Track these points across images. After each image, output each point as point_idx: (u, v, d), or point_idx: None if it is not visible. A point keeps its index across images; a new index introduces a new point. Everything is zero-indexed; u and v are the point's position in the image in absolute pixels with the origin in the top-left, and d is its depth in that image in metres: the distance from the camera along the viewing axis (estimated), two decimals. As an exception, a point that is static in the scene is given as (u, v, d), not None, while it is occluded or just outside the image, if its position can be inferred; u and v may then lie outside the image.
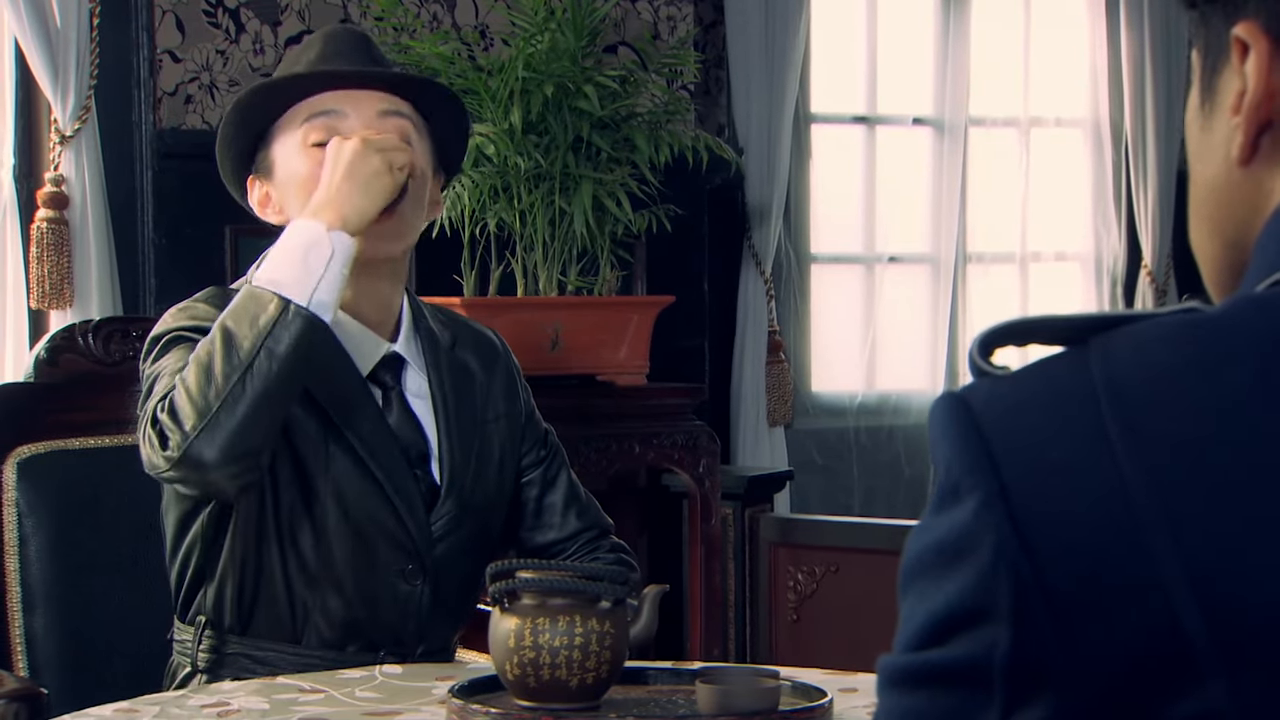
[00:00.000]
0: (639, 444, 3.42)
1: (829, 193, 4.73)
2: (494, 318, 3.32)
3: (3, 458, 2.27)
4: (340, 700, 1.67)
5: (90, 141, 3.55)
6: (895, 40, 4.79)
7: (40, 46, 3.47)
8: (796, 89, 4.46)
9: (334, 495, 1.96)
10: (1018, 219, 4.94)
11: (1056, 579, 0.79)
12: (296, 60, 2.06)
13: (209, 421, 1.80)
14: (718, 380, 4.41)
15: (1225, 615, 0.76)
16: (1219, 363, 0.81)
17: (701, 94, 4.42)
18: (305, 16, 3.83)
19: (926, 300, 4.82)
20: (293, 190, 2.01)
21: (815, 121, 4.67)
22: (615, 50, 4.08)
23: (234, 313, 1.85)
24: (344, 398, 1.99)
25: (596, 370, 3.46)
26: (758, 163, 4.39)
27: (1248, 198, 0.91)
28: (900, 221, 4.83)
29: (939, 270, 4.84)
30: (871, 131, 4.79)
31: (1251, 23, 0.86)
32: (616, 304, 3.50)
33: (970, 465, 0.82)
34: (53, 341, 2.36)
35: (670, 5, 4.23)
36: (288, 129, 2.03)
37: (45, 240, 3.51)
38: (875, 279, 4.78)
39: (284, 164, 2.02)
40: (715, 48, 4.43)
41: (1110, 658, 0.78)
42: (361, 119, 2.01)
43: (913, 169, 4.83)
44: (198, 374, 1.82)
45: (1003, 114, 4.95)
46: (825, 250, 4.75)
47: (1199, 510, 0.78)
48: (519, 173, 3.36)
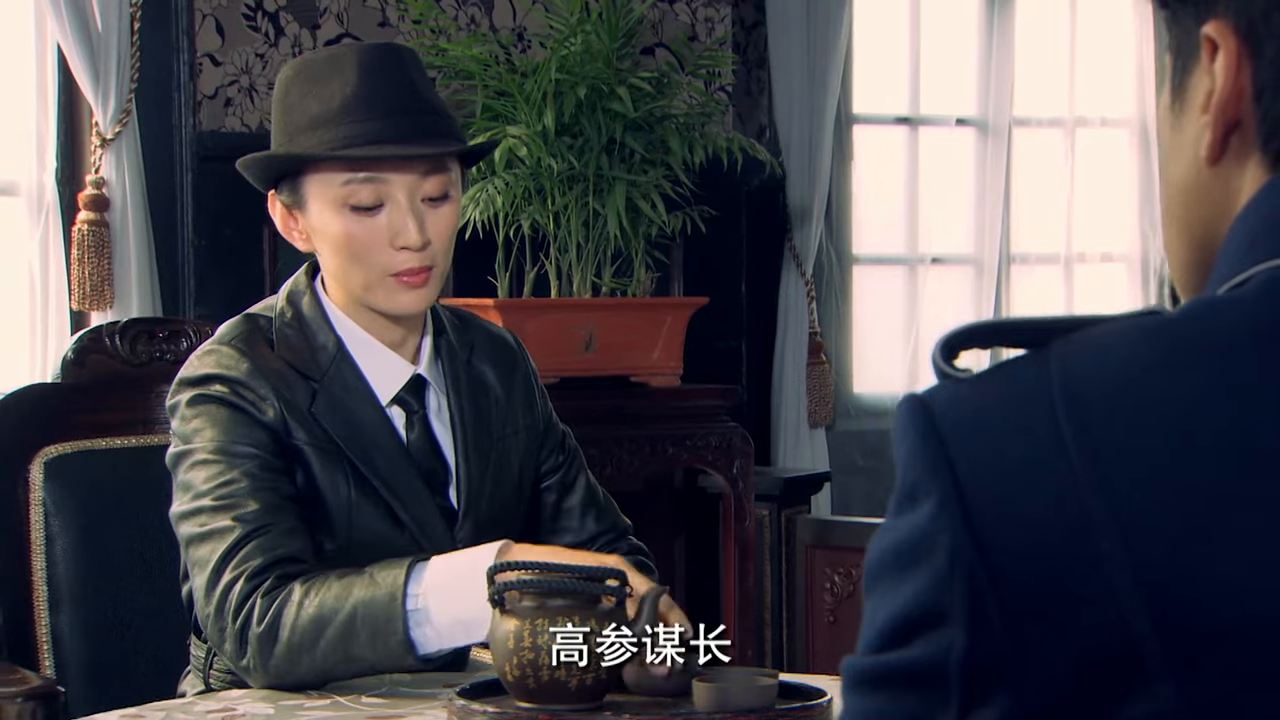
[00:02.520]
0: (672, 445, 3.43)
1: (871, 194, 4.72)
2: (528, 319, 3.33)
3: (30, 457, 2.30)
4: (345, 706, 1.68)
5: (131, 144, 3.58)
6: (938, 40, 4.78)
7: (82, 51, 3.51)
8: (838, 90, 4.45)
9: (360, 543, 1.94)
10: (1063, 220, 4.91)
11: (1010, 581, 0.79)
12: (330, 89, 1.96)
13: (286, 671, 1.81)
14: (758, 382, 4.41)
15: (1173, 618, 0.76)
16: (1173, 366, 0.80)
17: (743, 95, 4.41)
18: (344, 20, 3.86)
19: (969, 301, 4.80)
20: (326, 244, 1.99)
21: (857, 122, 4.66)
22: (653, 52, 4.08)
23: (371, 613, 1.79)
24: (365, 440, 1.97)
25: (630, 371, 3.47)
26: (799, 164, 4.38)
27: (1216, 198, 0.90)
28: (943, 222, 4.81)
29: (982, 271, 4.82)
30: (914, 132, 4.78)
31: (1221, 22, 0.86)
32: (650, 305, 3.50)
33: (927, 467, 0.83)
34: (80, 342, 2.38)
35: (708, 6, 4.23)
36: (324, 176, 1.97)
37: (86, 242, 3.55)
38: (918, 280, 4.77)
39: (317, 211, 1.98)
40: (757, 49, 4.42)
41: (1062, 659, 0.78)
42: (405, 186, 1.96)
43: (956, 170, 4.81)
44: (309, 631, 1.80)
45: (1048, 114, 4.92)
46: (867, 251, 4.73)
47: (1149, 514, 0.78)
48: (552, 174, 3.37)
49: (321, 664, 1.81)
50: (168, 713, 1.66)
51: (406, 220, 1.95)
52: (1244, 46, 0.85)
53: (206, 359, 1.96)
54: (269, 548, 1.84)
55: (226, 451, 1.89)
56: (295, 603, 1.81)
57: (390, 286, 1.97)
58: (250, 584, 1.83)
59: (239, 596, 1.82)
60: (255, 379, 1.93)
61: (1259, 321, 0.81)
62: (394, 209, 1.96)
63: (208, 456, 1.89)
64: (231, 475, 1.88)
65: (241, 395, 1.93)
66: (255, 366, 1.94)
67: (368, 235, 1.96)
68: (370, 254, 1.96)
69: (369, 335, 2.01)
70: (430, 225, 1.97)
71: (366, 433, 1.97)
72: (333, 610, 1.80)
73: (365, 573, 1.82)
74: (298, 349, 1.99)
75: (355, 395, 1.98)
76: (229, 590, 1.83)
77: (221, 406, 1.92)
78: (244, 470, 1.88)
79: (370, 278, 1.97)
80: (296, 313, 2.02)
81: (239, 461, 1.89)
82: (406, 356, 2.04)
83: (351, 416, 1.97)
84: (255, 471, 1.88)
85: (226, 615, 1.83)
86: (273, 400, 1.93)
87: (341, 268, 1.99)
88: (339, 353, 1.99)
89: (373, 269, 1.97)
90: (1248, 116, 0.86)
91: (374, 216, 1.96)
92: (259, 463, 1.89)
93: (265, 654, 1.81)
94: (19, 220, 3.62)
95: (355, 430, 1.97)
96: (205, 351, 1.98)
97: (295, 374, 1.97)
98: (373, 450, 1.97)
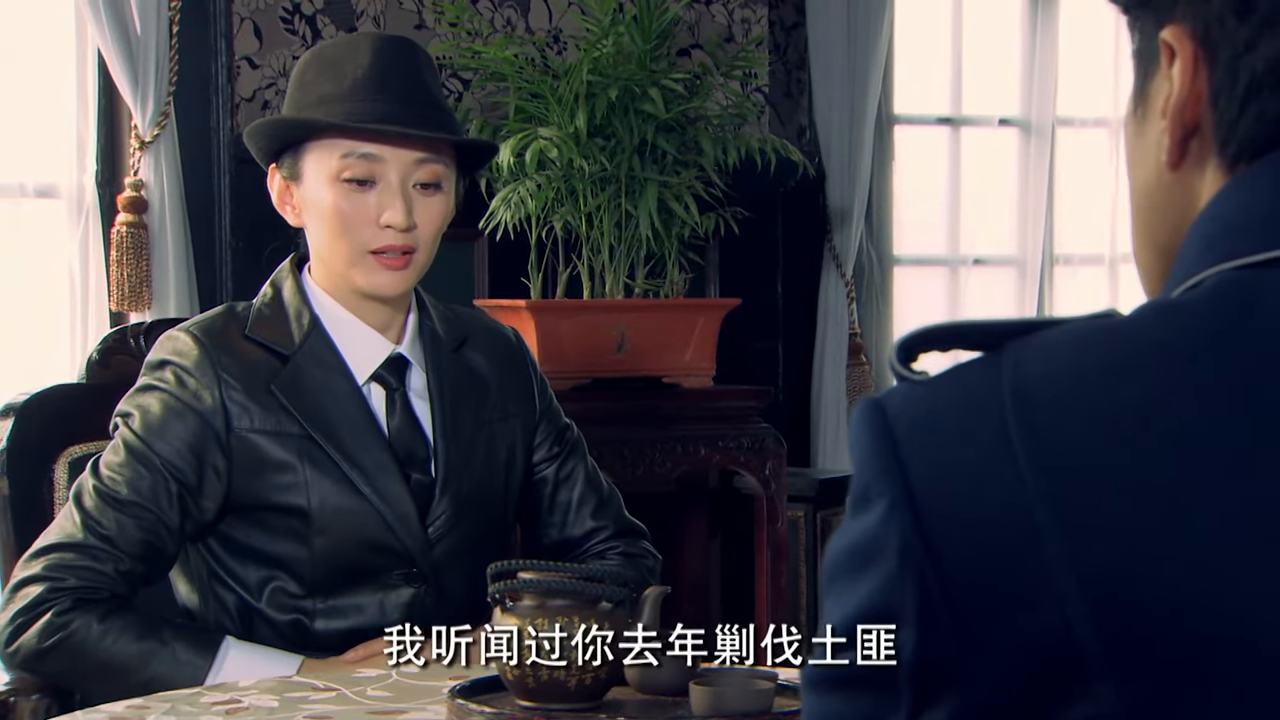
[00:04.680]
0: (704, 446, 3.43)
1: (912, 194, 4.70)
2: (560, 320, 3.34)
3: (54, 457, 2.32)
4: (350, 699, 1.70)
5: (169, 147, 3.62)
6: (981, 40, 4.75)
7: (121, 54, 3.54)
8: (879, 91, 4.44)
9: (319, 515, 2.01)
10: (1107, 220, 4.87)
11: (958, 582, 0.79)
12: (342, 70, 2.05)
13: (33, 670, 1.96)
14: (796, 383, 4.40)
15: (1115, 621, 0.76)
16: (1122, 368, 0.80)
17: (782, 96, 4.41)
18: (380, 22, 3.88)
19: (1012, 303, 4.78)
20: (315, 216, 2.06)
21: (899, 123, 4.64)
22: (689, 53, 4.08)
23: (169, 685, 1.90)
24: (326, 414, 2.03)
25: (662, 372, 3.47)
26: (839, 164, 4.37)
27: (1177, 203, 0.90)
28: (985, 223, 4.79)
29: (1025, 272, 4.80)
30: (956, 133, 4.76)
31: (1178, 26, 0.86)
32: (682, 306, 3.51)
33: (880, 469, 0.83)
34: (104, 343, 2.41)
35: (745, 8, 4.23)
36: (323, 149, 2.04)
37: (125, 244, 3.59)
38: (959, 281, 4.75)
39: (313, 183, 2.05)
40: (797, 50, 4.42)
41: (1009, 661, 0.78)
42: (399, 166, 2.03)
43: (999, 170, 4.79)
44: (90, 669, 1.94)
45: (1092, 114, 4.89)
46: (908, 252, 4.72)
47: (1093, 517, 0.78)
48: (584, 176, 3.37)
49: (82, 685, 1.96)
50: (173, 704, 1.68)
51: (396, 200, 2.02)
52: (1200, 51, 0.85)
53: (166, 344, 2.06)
54: (89, 574, 1.95)
55: (140, 453, 1.99)
56: (81, 641, 1.93)
57: (370, 265, 2.04)
58: (50, 596, 1.94)
59: (33, 598, 1.94)
60: (201, 367, 2.01)
61: (1209, 324, 0.81)
62: (385, 188, 2.03)
63: (129, 442, 2.00)
64: (127, 477, 1.98)
65: (184, 384, 2.01)
66: (205, 355, 2.02)
67: (355, 210, 2.03)
68: (355, 228, 2.03)
69: (351, 315, 2.07)
70: (418, 211, 2.04)
71: (333, 406, 2.03)
72: (123, 668, 1.91)
73: (167, 645, 1.93)
74: (272, 325, 2.06)
75: (328, 369, 2.05)
76: (30, 583, 1.95)
77: (162, 396, 2.01)
78: (138, 483, 1.98)
79: (353, 254, 2.04)
80: (276, 293, 2.09)
81: (142, 473, 1.99)
82: (390, 337, 2.10)
83: (318, 390, 2.03)
84: (145, 490, 1.98)
85: (14, 601, 1.94)
86: (214, 389, 2.00)
87: (327, 241, 2.05)
88: (314, 329, 2.06)
89: (355, 244, 2.03)
90: (1206, 121, 0.86)
91: (365, 193, 2.03)
92: (159, 479, 1.98)
93: (28, 661, 1.94)
94: (60, 222, 3.65)
95: (319, 404, 2.03)
96: (168, 336, 2.07)
97: (264, 353, 2.04)
98: (339, 425, 2.03)
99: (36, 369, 3.50)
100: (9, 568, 2.20)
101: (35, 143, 3.68)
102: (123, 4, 3.54)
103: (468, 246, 3.77)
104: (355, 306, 2.08)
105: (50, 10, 3.67)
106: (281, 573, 2.02)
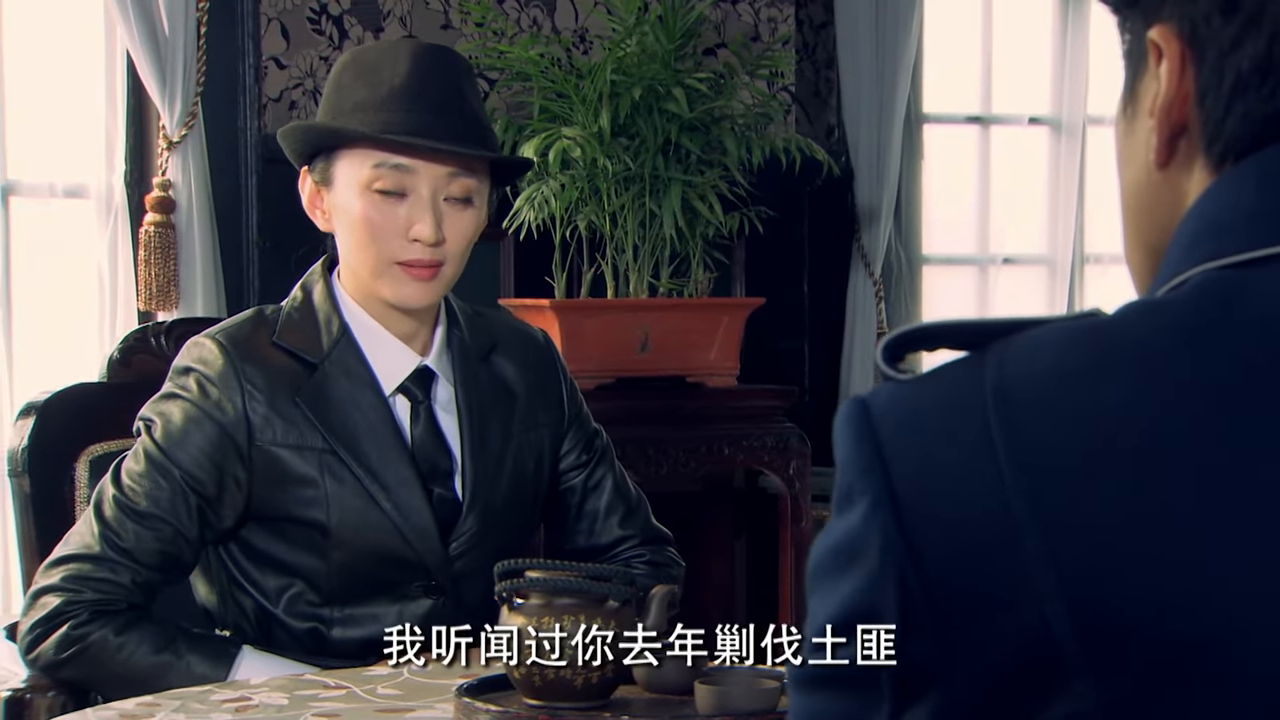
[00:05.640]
0: (728, 445, 3.43)
1: (942, 193, 4.69)
2: (584, 319, 3.35)
3: (76, 456, 2.33)
4: (360, 697, 1.70)
5: (196, 147, 3.64)
6: (1011, 38, 4.73)
7: (149, 56, 3.57)
8: (908, 89, 4.43)
9: (338, 530, 2.00)
10: (1138, 219, 4.84)
11: (939, 581, 0.80)
12: (380, 77, 2.01)
13: (52, 673, 1.97)
14: (822, 382, 4.39)
15: (1092, 619, 0.76)
16: (1103, 368, 0.80)
17: (810, 95, 4.40)
18: (407, 23, 3.89)
19: (1042, 302, 4.76)
20: (344, 223, 2.03)
21: (928, 121, 4.62)
22: (715, 53, 4.08)
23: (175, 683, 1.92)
24: (350, 426, 2.02)
25: (686, 372, 3.47)
26: (868, 163, 4.36)
27: (1165, 202, 0.90)
28: (1015, 222, 4.77)
29: (1055, 272, 4.78)
30: (986, 131, 4.74)
31: (1165, 26, 0.87)
32: (706, 306, 3.51)
33: (863, 468, 0.84)
34: (125, 342, 2.42)
35: (771, 7, 4.23)
36: (355, 157, 2.02)
37: (153, 243, 3.61)
38: (989, 280, 4.73)
39: (343, 190, 2.03)
40: (825, 49, 4.41)
41: (990, 659, 0.78)
42: (430, 179, 2.00)
43: (1029, 169, 4.77)
44: (106, 677, 1.96)
45: (1123, 112, 4.85)
46: (937, 251, 4.70)
47: (1072, 515, 0.78)
48: (608, 175, 3.38)
49: (98, 687, 1.97)
50: (183, 701, 1.69)
51: (426, 214, 2.00)
52: (1188, 50, 0.85)
53: (192, 350, 2.04)
54: (106, 586, 1.96)
55: (160, 464, 1.99)
56: (98, 654, 1.94)
57: (396, 276, 2.02)
58: (67, 608, 1.95)
59: (51, 609, 1.95)
60: (225, 377, 2.00)
61: (1189, 322, 0.80)
62: (415, 201, 2.00)
63: (150, 451, 1.99)
64: (146, 489, 1.98)
65: (207, 394, 2.00)
66: (229, 364, 2.00)
67: (385, 221, 2.00)
68: (383, 239, 2.01)
69: (379, 325, 2.05)
70: (448, 225, 2.01)
71: (358, 418, 2.02)
72: (139, 680, 1.91)
73: (182, 658, 1.94)
74: (301, 332, 2.04)
75: (355, 380, 2.03)
76: (48, 593, 1.96)
77: (184, 405, 2.00)
78: (157, 494, 1.98)
79: (379, 264, 2.02)
80: (306, 298, 2.07)
81: (161, 484, 1.98)
82: (416, 349, 2.08)
83: (344, 402, 2.02)
84: (164, 501, 1.98)
85: (34, 611, 1.96)
86: (238, 400, 1.99)
87: (355, 250, 2.03)
88: (344, 337, 2.04)
89: (383, 254, 2.01)
90: (1193, 120, 0.86)
91: (395, 205, 2.00)
92: (178, 491, 1.98)
93: (47, 669, 1.96)
94: (89, 222, 3.68)
95: (344, 416, 2.01)
96: (194, 343, 2.05)
97: (291, 360, 2.03)
98: (362, 437, 2.01)
99: (66, 368, 3.52)
100: (30, 565, 2.22)
101: (65, 144, 3.70)
102: (151, 5, 3.56)
103: (494, 246, 3.78)
104: (382, 315, 2.05)
105: (79, 12, 3.70)
106: (300, 581, 2.02)
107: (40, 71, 3.68)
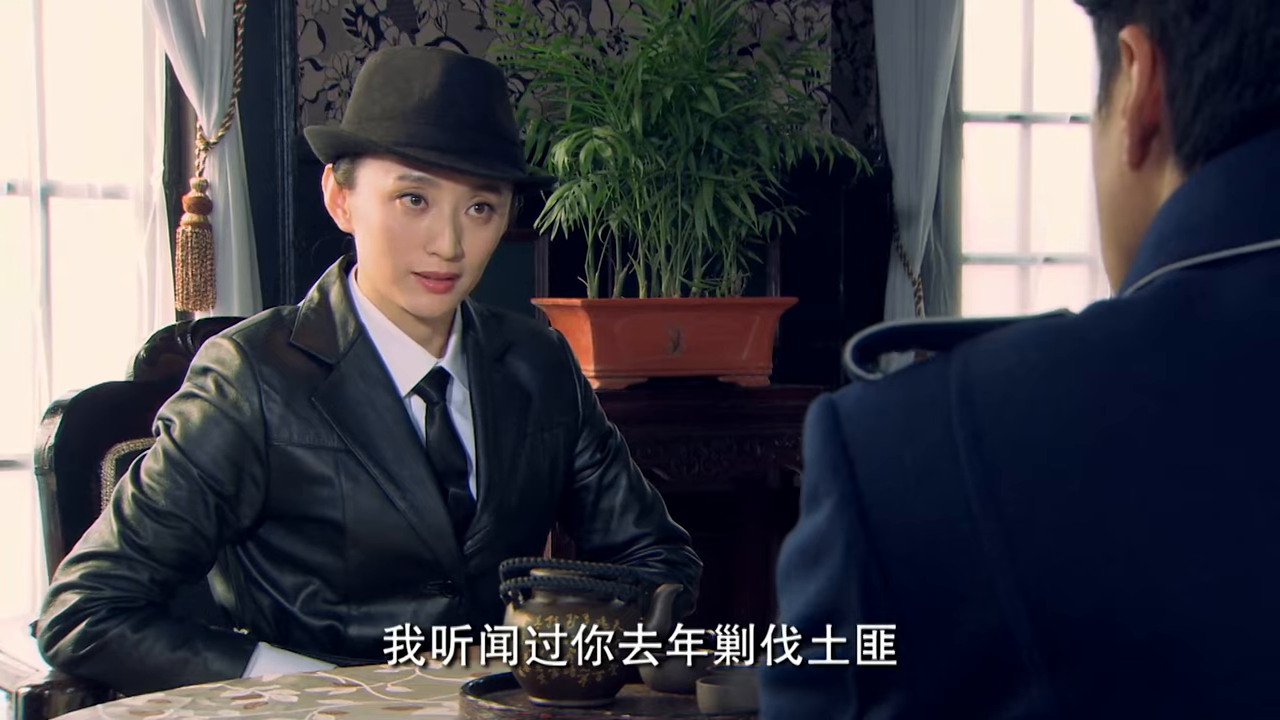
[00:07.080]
0: (760, 445, 3.43)
1: (982, 193, 4.67)
2: (615, 319, 3.35)
3: (102, 454, 2.36)
4: (369, 694, 1.71)
5: (233, 148, 3.67)
6: (1052, 35, 4.71)
7: (187, 57, 3.60)
8: (948, 88, 4.41)
9: (354, 529, 2.01)
10: (1181, 218, 4.81)
11: (901, 581, 0.80)
12: (410, 86, 2.00)
13: (72, 670, 1.99)
14: (859, 383, 4.38)
15: (1049, 620, 0.76)
16: (1065, 368, 0.80)
17: (849, 94, 4.39)
18: (442, 23, 3.91)
19: (1083, 301, 4.67)
20: (364, 228, 2.05)
21: (968, 120, 4.60)
22: (750, 52, 4.08)
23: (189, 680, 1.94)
24: (366, 426, 2.03)
25: (718, 371, 3.47)
26: (907, 163, 4.35)
27: (1139, 203, 0.90)
28: (1056, 221, 4.74)
29: (1096, 271, 4.75)
30: (1027, 130, 4.72)
31: (1136, 27, 0.87)
32: (738, 305, 3.50)
33: (829, 468, 0.84)
34: (152, 342, 2.44)
35: (807, 6, 4.22)
36: (379, 166, 2.02)
37: (190, 244, 3.64)
38: (1030, 280, 4.71)
39: (365, 196, 2.03)
40: (864, 48, 4.40)
41: (950, 659, 0.78)
42: (452, 195, 2.01)
43: (1070, 168, 4.74)
44: (123, 675, 1.97)
45: (1166, 110, 4.82)
46: (978, 251, 4.68)
47: (1030, 517, 0.78)
48: (640, 175, 3.38)
49: (116, 684, 1.99)
50: (193, 698, 1.70)
51: (445, 229, 2.00)
52: (1158, 51, 0.86)
53: (210, 350, 2.06)
54: (125, 583, 1.97)
55: (179, 463, 2.00)
56: (115, 651, 1.96)
57: (412, 286, 2.03)
58: (86, 605, 1.97)
59: (70, 606, 1.97)
60: (242, 377, 2.01)
61: (1151, 323, 0.80)
62: (436, 215, 2.01)
63: (169, 451, 2.01)
64: (165, 488, 1.99)
65: (224, 393, 2.02)
66: (246, 364, 2.02)
67: (404, 232, 2.01)
68: (402, 249, 2.02)
69: (395, 327, 2.07)
70: (467, 240, 2.02)
71: (373, 419, 2.03)
72: (156, 677, 1.93)
73: (199, 655, 1.95)
74: (318, 333, 2.06)
75: (371, 380, 2.04)
76: (67, 590, 1.98)
77: (202, 404, 2.02)
78: (176, 494, 1.99)
79: (396, 272, 2.03)
80: (324, 299, 2.09)
81: (180, 483, 1.99)
82: (432, 351, 2.09)
83: (360, 402, 2.03)
84: (182, 500, 1.99)
85: (53, 607, 1.98)
86: (254, 400, 2.01)
87: (373, 257, 2.04)
88: (360, 338, 2.06)
89: (400, 264, 2.02)
90: (1164, 121, 0.86)
91: (416, 216, 2.01)
92: (196, 490, 1.99)
93: (65, 666, 1.98)
94: (127, 222, 3.72)
95: (360, 416, 2.03)
96: (212, 343, 2.07)
97: (307, 361, 2.04)
98: (378, 437, 2.03)
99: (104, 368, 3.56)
100: (57, 563, 2.24)
101: (104, 145, 3.74)
102: (188, 7, 3.59)
103: (527, 246, 3.79)
104: (398, 318, 2.07)
105: (118, 15, 3.73)
106: (317, 580, 2.04)
107: (80, 74, 3.72)
